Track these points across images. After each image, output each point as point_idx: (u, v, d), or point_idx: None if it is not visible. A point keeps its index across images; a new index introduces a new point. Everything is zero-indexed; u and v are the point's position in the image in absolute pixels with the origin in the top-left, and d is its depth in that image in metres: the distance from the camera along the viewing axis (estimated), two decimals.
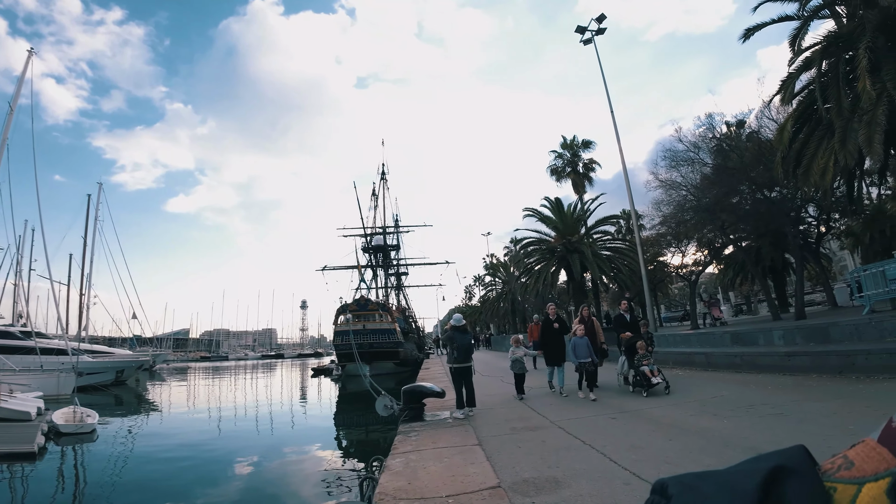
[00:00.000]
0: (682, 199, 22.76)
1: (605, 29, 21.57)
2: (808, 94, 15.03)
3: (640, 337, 10.32)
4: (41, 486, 10.10)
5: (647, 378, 9.28)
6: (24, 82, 24.48)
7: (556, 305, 11.98)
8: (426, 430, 7.78)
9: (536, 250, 34.29)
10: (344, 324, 34.35)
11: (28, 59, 24.82)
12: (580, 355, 9.62)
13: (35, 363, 23.90)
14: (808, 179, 15.24)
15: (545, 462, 5.34)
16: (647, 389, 9.25)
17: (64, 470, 11.76)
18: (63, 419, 15.16)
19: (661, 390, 9.28)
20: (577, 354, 9.65)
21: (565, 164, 35.93)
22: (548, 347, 10.88)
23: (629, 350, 10.12)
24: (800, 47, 14.90)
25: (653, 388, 9.25)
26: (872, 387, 7.74)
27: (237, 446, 13.86)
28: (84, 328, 40.50)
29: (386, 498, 4.56)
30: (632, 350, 9.97)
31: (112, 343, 49.50)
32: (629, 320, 11.42)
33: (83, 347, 32.29)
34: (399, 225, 55.64)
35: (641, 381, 9.38)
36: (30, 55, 24.96)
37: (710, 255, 29.49)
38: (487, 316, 69.47)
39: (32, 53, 25.11)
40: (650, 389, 9.23)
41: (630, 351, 10.07)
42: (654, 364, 9.60)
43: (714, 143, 22.13)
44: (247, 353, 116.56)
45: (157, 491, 9.58)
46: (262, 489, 9.66)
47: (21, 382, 20.38)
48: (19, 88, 24.30)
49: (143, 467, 11.64)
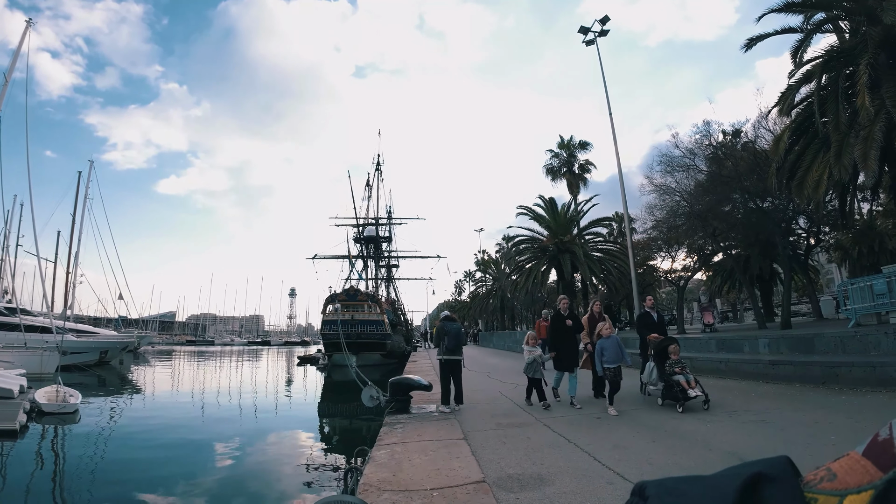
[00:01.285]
0: (676, 204, 22.91)
1: (609, 31, 21.60)
2: (806, 107, 15.13)
3: (672, 339, 8.80)
4: (21, 464, 10.00)
5: (682, 389, 7.79)
6: (20, 55, 24.14)
7: (567, 299, 9.98)
8: (412, 423, 7.78)
9: (528, 248, 34.46)
10: (332, 313, 34.28)
11: (25, 31, 24.55)
12: (609, 359, 8.11)
13: (19, 340, 23.66)
14: (801, 191, 15.36)
15: (530, 459, 5.37)
16: (681, 403, 7.75)
17: (44, 449, 11.65)
18: (46, 398, 15.00)
19: (698, 405, 7.80)
20: (604, 358, 8.14)
21: (561, 164, 36.01)
22: (560, 348, 9.16)
23: (659, 355, 8.61)
24: (801, 60, 14.99)
25: (689, 401, 7.75)
26: (855, 399, 7.84)
27: (220, 431, 13.79)
28: (69, 307, 40.14)
29: (370, 489, 4.56)
30: (662, 355, 8.53)
31: (97, 323, 49.15)
32: (656, 320, 9.84)
33: (68, 326, 31.99)
34: (392, 217, 55.57)
35: (675, 392, 7.87)
36: (27, 26, 24.68)
37: (700, 261, 29.75)
38: (476, 312, 69.68)
39: (30, 24, 24.80)
40: (685, 403, 7.75)
41: (660, 356, 8.59)
42: (688, 373, 8.17)
43: (710, 150, 22.24)
44: (233, 338, 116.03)
45: (136, 474, 9.51)
46: (245, 476, 9.62)
47: (4, 359, 20.18)
48: (15, 60, 24.03)
49: (125, 449, 11.54)
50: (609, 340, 8.22)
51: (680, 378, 7.95)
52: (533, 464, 5.17)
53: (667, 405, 8.15)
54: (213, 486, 8.87)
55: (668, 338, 8.97)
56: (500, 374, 14.61)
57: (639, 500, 0.43)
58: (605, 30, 21.56)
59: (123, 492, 8.44)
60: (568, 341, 9.16)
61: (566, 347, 9.13)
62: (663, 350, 8.53)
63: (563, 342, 9.14)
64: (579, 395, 9.03)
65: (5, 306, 30.37)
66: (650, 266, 36.39)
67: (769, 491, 0.38)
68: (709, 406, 7.72)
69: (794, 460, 0.40)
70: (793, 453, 0.42)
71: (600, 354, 8.17)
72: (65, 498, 8.35)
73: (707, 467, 3.62)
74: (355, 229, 48.59)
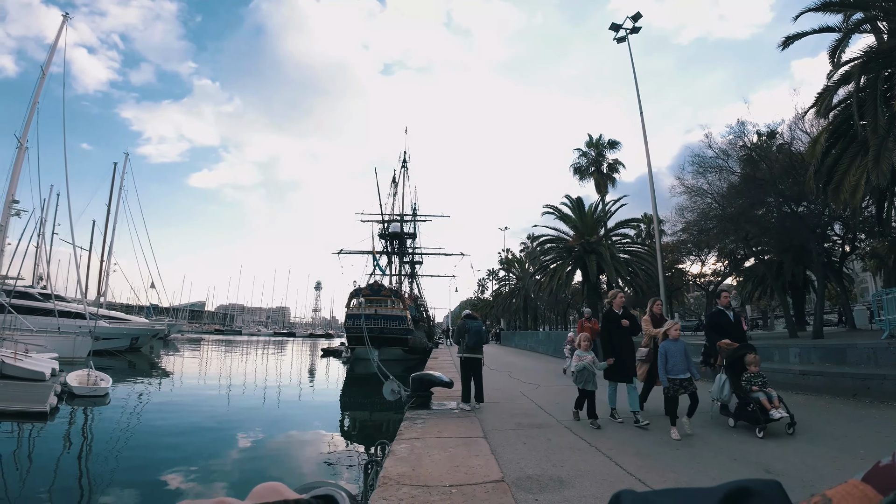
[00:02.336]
0: (707, 206, 22.41)
1: (640, 28, 21.22)
2: (844, 109, 14.64)
3: (750, 347, 7.15)
4: (49, 445, 10.40)
5: (763, 409, 6.36)
6: (56, 49, 24.90)
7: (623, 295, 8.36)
8: (432, 419, 7.83)
9: (553, 248, 34.16)
10: (356, 307, 34.69)
11: (62, 25, 25.19)
12: (675, 369, 6.60)
13: (53, 325, 24.41)
14: (837, 196, 14.90)
15: (550, 460, 5.35)
16: (761, 426, 6.32)
17: (73, 431, 12.02)
18: (77, 381, 15.56)
19: (781, 428, 6.45)
20: (669, 367, 6.63)
21: (589, 163, 35.61)
22: (617, 354, 7.57)
23: (733, 366, 6.97)
24: (839, 60, 14.51)
25: (770, 423, 6.34)
26: (886, 412, 7.59)
27: (244, 419, 14.13)
28: (103, 294, 41.29)
29: (390, 482, 4.62)
30: (738, 367, 6.93)
31: (129, 310, 50.53)
32: (732, 320, 7.80)
33: (101, 313, 32.97)
34: (417, 213, 55.72)
35: (755, 412, 6.43)
36: (64, 21, 25.32)
37: (731, 266, 29.08)
38: (499, 311, 69.50)
39: (67, 19, 25.46)
40: (766, 426, 6.33)
41: (735, 368, 6.95)
42: (769, 389, 6.65)
43: (744, 151, 21.69)
44: (260, 329, 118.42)
45: (161, 456, 9.79)
46: (267, 463, 9.82)
47: (38, 343, 20.92)
48: (52, 54, 24.73)
49: (151, 432, 11.92)
50: (676, 345, 6.71)
51: (760, 395, 6.51)
52: (553, 466, 5.15)
53: (741, 427, 6.82)
54: (234, 472, 9.10)
55: (746, 345, 7.27)
56: (521, 374, 14.57)
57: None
58: (636, 27, 21.18)
59: (147, 472, 8.72)
60: (625, 345, 7.68)
61: (624, 353, 7.63)
62: (738, 360, 6.93)
63: (620, 346, 7.64)
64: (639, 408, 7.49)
65: (40, 292, 31.41)
66: (679, 269, 35.77)
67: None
68: (794, 430, 6.35)
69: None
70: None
71: (664, 361, 6.67)
72: (91, 477, 8.65)
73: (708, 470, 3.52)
74: (380, 225, 49.00)
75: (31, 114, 23.37)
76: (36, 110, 23.53)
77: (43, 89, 24.11)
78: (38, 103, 23.63)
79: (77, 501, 7.45)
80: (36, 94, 23.66)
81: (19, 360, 16.25)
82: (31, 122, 23.30)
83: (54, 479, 8.32)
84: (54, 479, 8.32)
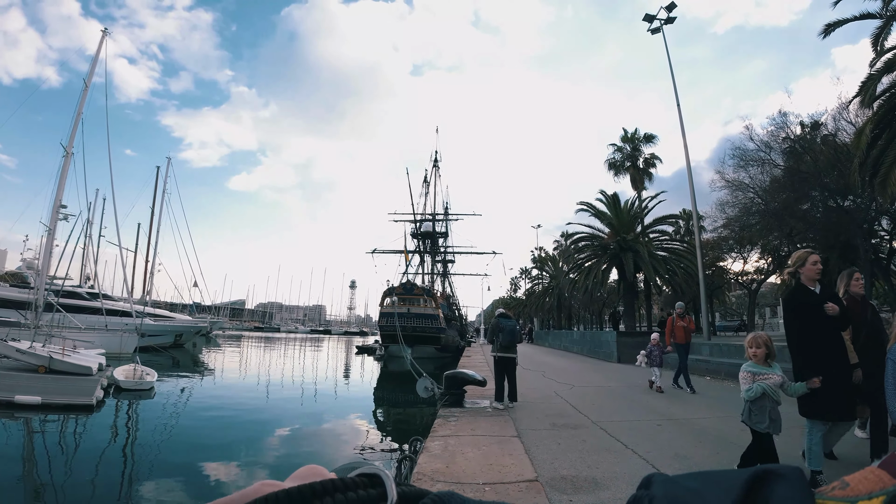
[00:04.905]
0: (749, 201, 21.74)
1: (675, 18, 20.66)
2: (889, 98, 13.96)
3: None
4: (95, 436, 10.85)
5: None
6: (97, 61, 25.92)
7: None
8: (465, 417, 7.83)
9: (588, 246, 33.58)
10: (389, 306, 35.06)
11: (102, 39, 26.24)
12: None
13: (100, 322, 25.39)
14: (884, 189, 14.21)
15: (584, 461, 5.28)
16: None
17: (118, 423, 12.54)
18: (124, 375, 16.23)
19: None
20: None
21: (624, 158, 34.90)
22: (824, 368, 4.25)
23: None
24: (882, 48, 13.89)
25: None
26: None
27: (282, 412, 14.51)
28: (148, 293, 42.82)
29: (423, 478, 4.64)
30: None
31: (173, 308, 52.26)
32: None
33: (146, 311, 34.25)
34: (448, 212, 55.79)
35: None
36: (104, 35, 26.36)
37: (774, 263, 28.05)
38: (532, 310, 68.86)
39: (106, 34, 26.51)
40: None
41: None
42: None
43: (787, 143, 20.89)
44: (297, 326, 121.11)
45: (203, 446, 10.21)
46: (302, 455, 10.00)
47: (86, 339, 21.90)
48: (94, 66, 25.74)
49: (194, 424, 12.35)
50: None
51: None
52: (588, 467, 5.08)
53: None
54: (273, 461, 9.40)
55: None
56: (554, 374, 14.42)
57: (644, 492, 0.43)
58: (671, 17, 20.63)
59: (191, 460, 9.07)
60: (837, 353, 4.41)
61: (835, 366, 4.33)
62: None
63: (831, 354, 4.38)
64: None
65: (88, 291, 32.81)
66: (719, 267, 34.73)
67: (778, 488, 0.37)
68: None
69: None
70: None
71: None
72: (135, 465, 9.03)
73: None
74: (412, 225, 49.33)
75: (77, 123, 24.36)
76: (81, 119, 24.57)
77: (86, 99, 25.20)
78: (82, 113, 24.67)
79: (121, 488, 7.78)
80: (80, 104, 24.63)
81: (67, 355, 17.03)
82: (76, 130, 24.30)
83: (98, 468, 8.68)
84: (98, 468, 8.68)
